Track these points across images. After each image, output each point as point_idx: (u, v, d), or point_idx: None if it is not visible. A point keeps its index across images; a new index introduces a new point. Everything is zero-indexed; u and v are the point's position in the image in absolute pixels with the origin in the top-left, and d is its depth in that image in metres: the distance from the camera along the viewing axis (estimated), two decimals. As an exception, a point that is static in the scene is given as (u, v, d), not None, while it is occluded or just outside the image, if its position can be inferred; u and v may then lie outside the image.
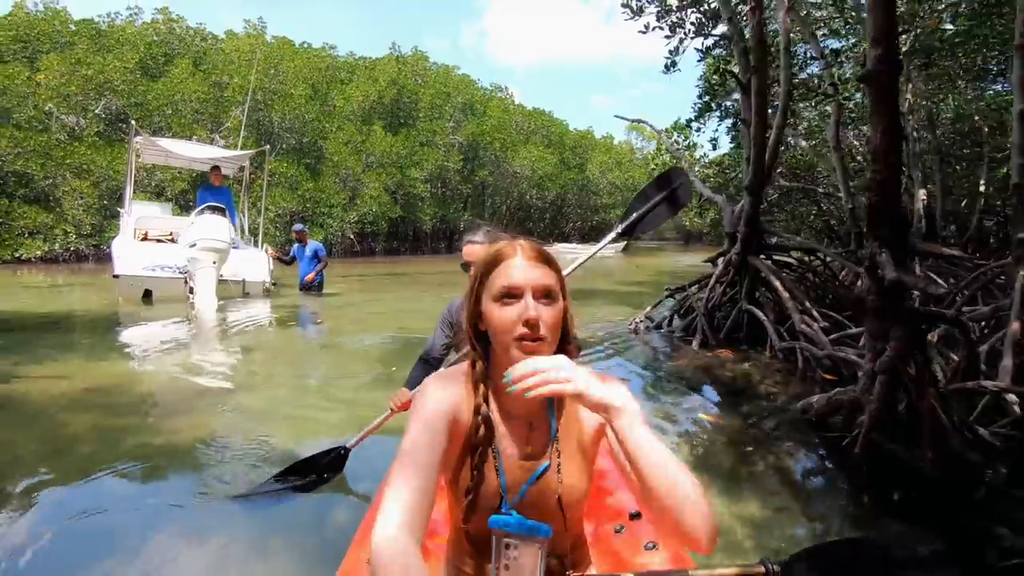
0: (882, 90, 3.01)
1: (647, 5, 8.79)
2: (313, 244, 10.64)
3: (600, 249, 2.40)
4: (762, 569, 0.97)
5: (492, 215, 31.95)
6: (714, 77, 9.54)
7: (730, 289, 6.50)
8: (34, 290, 12.11)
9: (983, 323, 4.37)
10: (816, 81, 8.35)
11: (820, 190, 10.61)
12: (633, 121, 9.43)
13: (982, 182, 8.44)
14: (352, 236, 24.62)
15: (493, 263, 1.01)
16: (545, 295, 0.98)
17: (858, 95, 8.29)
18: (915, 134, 9.03)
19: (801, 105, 8.77)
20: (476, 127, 29.45)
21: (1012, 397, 3.04)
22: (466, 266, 2.26)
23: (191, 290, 8.52)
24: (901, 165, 3.07)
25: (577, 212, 36.88)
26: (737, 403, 4.22)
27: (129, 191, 11.95)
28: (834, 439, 3.23)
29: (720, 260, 6.75)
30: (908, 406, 2.91)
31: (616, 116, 33.31)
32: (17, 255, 17.78)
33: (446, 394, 1.01)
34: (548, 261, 1.02)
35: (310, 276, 10.33)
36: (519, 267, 0.98)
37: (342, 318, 8.43)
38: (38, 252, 18.07)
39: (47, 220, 18.37)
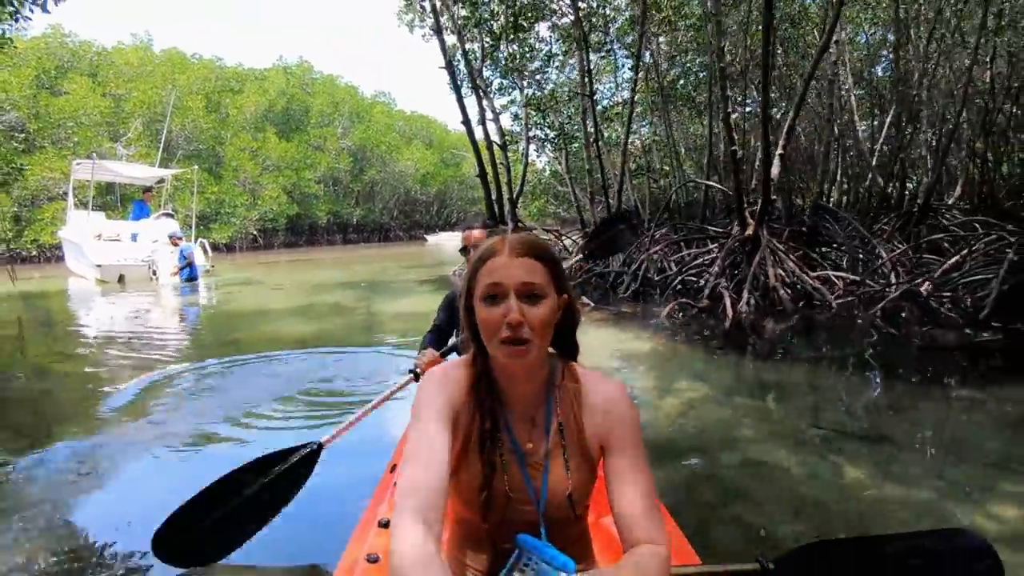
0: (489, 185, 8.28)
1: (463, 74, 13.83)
2: (182, 246, 12.71)
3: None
4: (757, 566, 1.02)
5: (383, 209, 36.08)
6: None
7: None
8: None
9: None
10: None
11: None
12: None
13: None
14: (255, 232, 27.83)
15: (480, 260, 0.97)
16: (530, 294, 0.94)
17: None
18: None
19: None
20: (363, 132, 33.37)
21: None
22: (464, 251, 2.38)
23: (154, 272, 12.39)
24: (512, 204, 8.53)
25: (458, 204, 41.75)
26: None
27: (71, 202, 15.28)
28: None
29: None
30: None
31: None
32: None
33: (447, 389, 1.00)
34: (537, 255, 0.96)
35: (175, 271, 12.36)
36: (502, 264, 0.94)
37: (256, 282, 12.71)
38: (-38, 256, 19.98)
39: (-36, 227, 20.23)
